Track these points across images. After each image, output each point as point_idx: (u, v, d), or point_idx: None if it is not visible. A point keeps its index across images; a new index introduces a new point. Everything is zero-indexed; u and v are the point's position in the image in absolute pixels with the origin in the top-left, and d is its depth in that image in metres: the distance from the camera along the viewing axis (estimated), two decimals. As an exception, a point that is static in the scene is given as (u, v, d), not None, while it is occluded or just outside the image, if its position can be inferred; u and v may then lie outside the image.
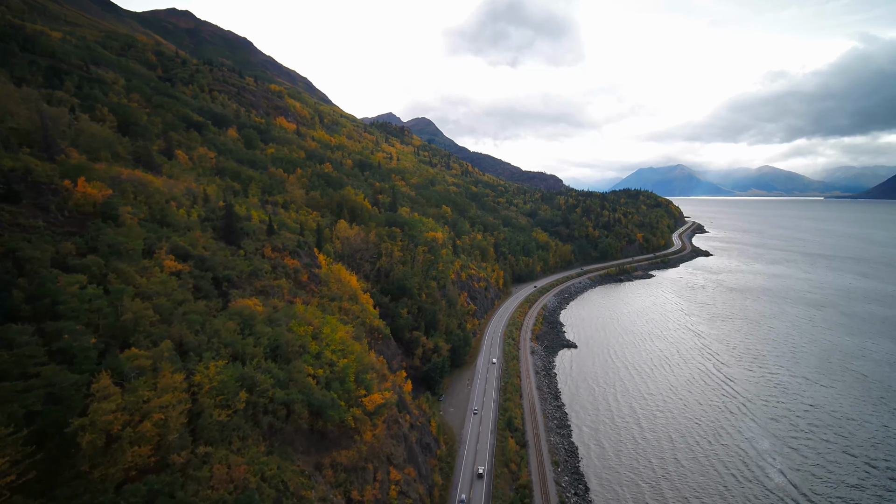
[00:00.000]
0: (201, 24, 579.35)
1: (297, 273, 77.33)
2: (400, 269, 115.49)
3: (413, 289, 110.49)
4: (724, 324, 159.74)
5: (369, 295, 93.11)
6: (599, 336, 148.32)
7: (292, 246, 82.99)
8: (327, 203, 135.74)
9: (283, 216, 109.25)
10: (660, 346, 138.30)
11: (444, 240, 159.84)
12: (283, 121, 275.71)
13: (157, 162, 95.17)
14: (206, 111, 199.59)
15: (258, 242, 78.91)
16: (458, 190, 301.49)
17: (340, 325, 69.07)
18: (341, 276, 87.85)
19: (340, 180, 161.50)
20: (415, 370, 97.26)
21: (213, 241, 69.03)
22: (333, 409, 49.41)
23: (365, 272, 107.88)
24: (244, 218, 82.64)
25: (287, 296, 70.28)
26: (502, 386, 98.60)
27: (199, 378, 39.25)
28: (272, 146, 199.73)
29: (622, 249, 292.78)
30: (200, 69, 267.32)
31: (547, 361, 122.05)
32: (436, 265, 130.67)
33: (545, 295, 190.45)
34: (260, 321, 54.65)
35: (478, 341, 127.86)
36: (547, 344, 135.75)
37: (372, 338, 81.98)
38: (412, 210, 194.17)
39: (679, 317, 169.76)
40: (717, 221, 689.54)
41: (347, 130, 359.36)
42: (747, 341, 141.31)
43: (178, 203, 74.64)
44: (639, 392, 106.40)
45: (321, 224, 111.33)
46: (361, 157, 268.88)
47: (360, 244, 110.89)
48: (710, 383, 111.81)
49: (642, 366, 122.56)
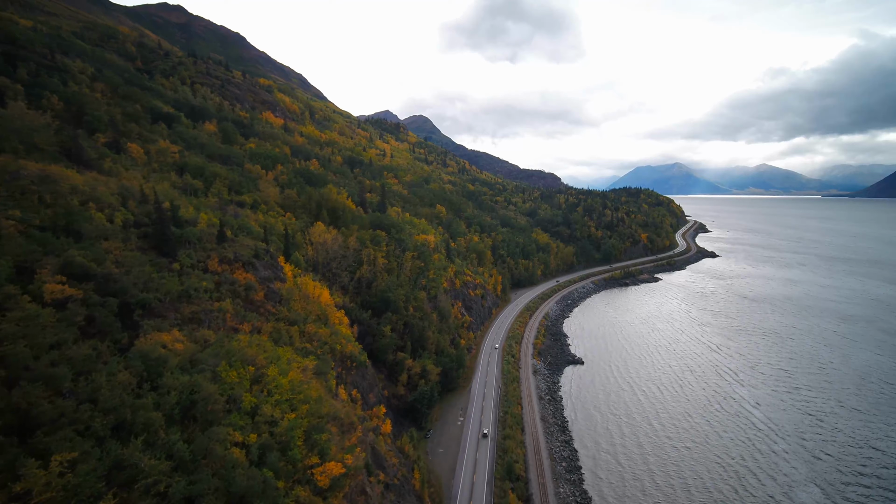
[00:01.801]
0: (193, 18, 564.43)
1: (248, 291, 62.98)
2: (384, 278, 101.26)
3: (398, 301, 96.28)
4: (743, 337, 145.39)
5: (344, 312, 78.76)
6: (606, 349, 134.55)
7: (248, 255, 68.65)
8: (305, 203, 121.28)
9: (249, 218, 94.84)
10: (672, 362, 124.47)
11: (436, 243, 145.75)
12: (271, 115, 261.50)
13: (91, 156, 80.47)
14: (184, 104, 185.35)
15: (202, 253, 64.53)
16: (455, 188, 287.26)
17: (297, 359, 54.82)
18: (309, 291, 73.55)
19: (322, 177, 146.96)
20: (398, 400, 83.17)
21: (136, 253, 54.62)
22: (265, 496, 35.20)
23: (342, 283, 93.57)
24: (188, 222, 68.18)
25: (230, 322, 55.96)
26: (501, 417, 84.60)
27: (26, 486, 24.92)
28: (253, 141, 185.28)
29: (626, 251, 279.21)
30: (183, 61, 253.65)
31: (551, 382, 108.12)
32: (426, 273, 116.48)
33: (547, 301, 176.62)
34: (174, 366, 40.40)
35: (473, 359, 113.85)
36: (550, 360, 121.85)
37: (343, 368, 67.80)
38: (404, 210, 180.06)
39: (691, 327, 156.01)
40: (720, 220, 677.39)
41: (339, 126, 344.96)
42: (770, 358, 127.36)
43: (99, 205, 60.16)
44: (648, 423, 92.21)
45: (291, 227, 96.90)
46: (352, 154, 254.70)
47: (338, 250, 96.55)
48: (730, 410, 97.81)
49: (653, 388, 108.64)
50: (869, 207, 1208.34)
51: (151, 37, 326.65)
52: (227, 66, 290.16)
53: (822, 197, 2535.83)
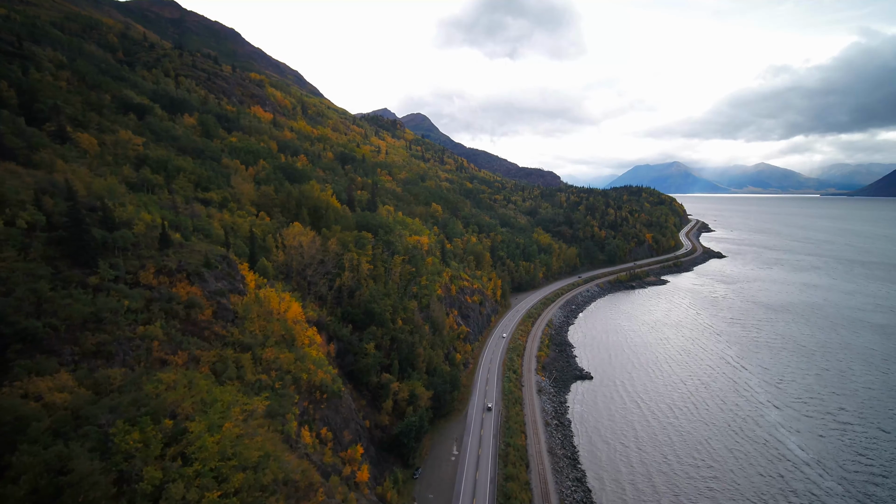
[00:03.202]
0: (187, 14, 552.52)
1: (190, 309, 50.87)
2: (370, 286, 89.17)
3: (385, 313, 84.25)
4: (764, 350, 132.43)
5: (316, 330, 66.67)
6: (615, 362, 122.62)
7: (196, 264, 56.51)
8: (283, 201, 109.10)
9: (214, 218, 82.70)
10: (686, 378, 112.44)
11: (431, 244, 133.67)
12: (260, 110, 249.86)
13: (16, 145, 68.14)
14: (163, 95, 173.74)
15: (136, 261, 52.47)
16: (452, 186, 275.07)
17: (243, 400, 42.81)
18: (272, 306, 61.44)
19: (305, 173, 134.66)
20: (382, 431, 71.21)
21: (34, 264, 42.50)
22: None
23: (319, 293, 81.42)
24: (121, 224, 55.99)
25: (157, 353, 43.87)
26: (502, 450, 72.69)
27: None
28: (236, 135, 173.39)
29: (631, 251, 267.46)
30: (168, 53, 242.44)
31: (558, 402, 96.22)
32: (418, 279, 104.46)
33: (549, 307, 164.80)
34: (41, 431, 28.37)
35: (470, 375, 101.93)
36: (556, 375, 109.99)
37: (311, 402, 55.76)
38: (396, 209, 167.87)
39: (703, 337, 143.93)
40: (722, 220, 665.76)
41: (333, 122, 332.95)
42: (796, 374, 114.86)
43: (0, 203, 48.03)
44: (663, 456, 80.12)
45: (263, 229, 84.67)
46: (344, 150, 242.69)
47: (316, 255, 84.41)
48: (758, 439, 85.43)
49: (666, 410, 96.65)
50: (873, 206, 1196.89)
51: (138, 29, 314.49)
52: (217, 60, 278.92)
53: (820, 196, 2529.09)
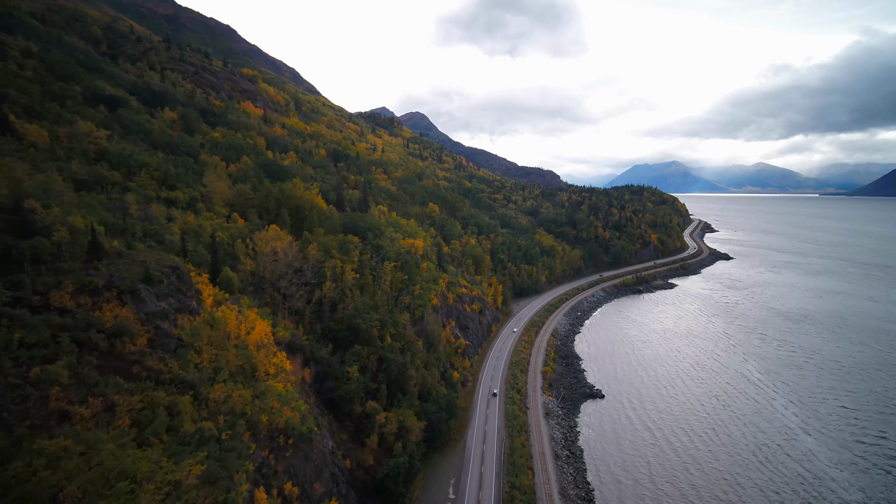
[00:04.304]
0: (181, 10, 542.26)
1: (115, 338, 40.20)
2: (355, 298, 78.59)
3: (372, 330, 73.64)
4: (788, 367, 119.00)
5: (284, 355, 56.00)
6: (625, 378, 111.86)
7: (133, 278, 45.84)
8: (262, 201, 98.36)
9: (176, 221, 72.04)
10: (704, 397, 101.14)
11: (426, 248, 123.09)
12: (250, 106, 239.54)
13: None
14: (143, 88, 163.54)
15: (51, 277, 41.86)
16: (450, 185, 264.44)
17: (168, 467, 32.23)
18: (230, 328, 50.78)
19: (289, 170, 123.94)
20: (366, 472, 60.62)
21: None
22: None
23: (295, 308, 70.79)
24: (44, 229, 45.34)
25: (58, 403, 33.24)
26: (506, 492, 62.10)
27: None
28: (220, 130, 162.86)
29: (636, 253, 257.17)
30: (155, 46, 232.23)
31: (567, 428, 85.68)
32: (410, 288, 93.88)
33: (554, 315, 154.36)
34: None
35: (469, 395, 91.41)
36: (564, 394, 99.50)
37: (273, 450, 45.16)
38: (391, 209, 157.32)
39: (719, 349, 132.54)
40: (724, 219, 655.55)
41: (328, 119, 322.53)
42: (828, 396, 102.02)
43: None
44: (681, 494, 70.04)
45: (232, 232, 73.95)
46: (337, 147, 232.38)
47: (293, 262, 73.75)
48: (791, 473, 74.36)
49: (685, 438, 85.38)
50: (874, 206, 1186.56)
51: (126, 22, 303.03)
52: (208, 55, 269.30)
53: (819, 196, 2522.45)
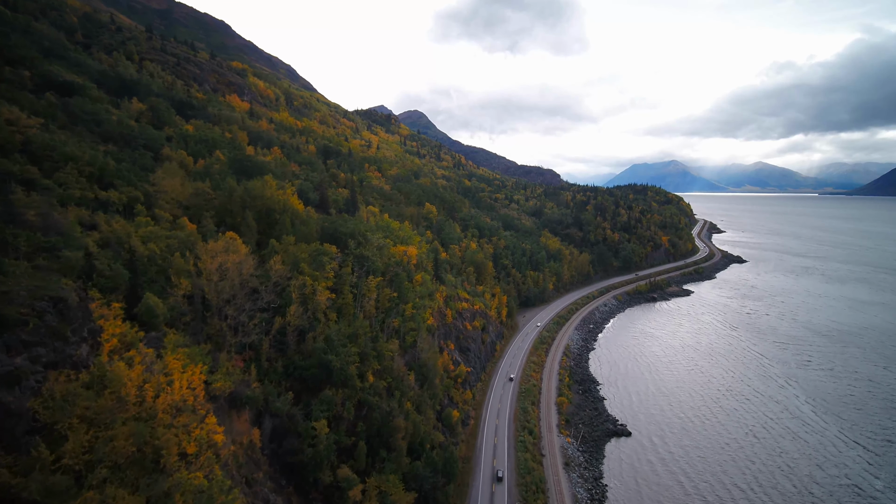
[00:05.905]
0: (174, 5, 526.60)
1: None
2: (330, 324, 62.35)
3: (349, 367, 57.38)
4: (842, 399, 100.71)
5: (215, 421, 39.58)
6: (649, 406, 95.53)
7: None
8: (224, 202, 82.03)
9: (99, 229, 55.68)
10: (740, 434, 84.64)
11: (421, 256, 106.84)
12: (237, 99, 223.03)
13: None
14: (112, 77, 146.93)
15: None
16: (449, 184, 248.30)
17: None
18: (130, 389, 34.34)
19: (263, 166, 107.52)
20: (333, 573, 44.44)
21: None
22: None
23: (248, 342, 54.43)
24: None
25: None
26: None
27: None
28: (196, 123, 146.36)
29: (647, 256, 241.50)
30: (135, 36, 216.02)
31: (592, 482, 69.56)
32: (401, 308, 77.62)
33: (564, 328, 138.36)
34: None
35: (471, 437, 75.25)
36: (584, 432, 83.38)
37: None
38: (383, 210, 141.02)
39: (751, 371, 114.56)
40: (729, 220, 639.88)
41: (321, 115, 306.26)
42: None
43: None
44: None
45: (160, 244, 57.49)
46: (328, 143, 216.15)
47: (247, 281, 57.40)
48: None
49: (724, 493, 70.10)
50: (875, 206, 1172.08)
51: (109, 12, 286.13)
52: (193, 46, 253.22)
53: (818, 195, 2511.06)
